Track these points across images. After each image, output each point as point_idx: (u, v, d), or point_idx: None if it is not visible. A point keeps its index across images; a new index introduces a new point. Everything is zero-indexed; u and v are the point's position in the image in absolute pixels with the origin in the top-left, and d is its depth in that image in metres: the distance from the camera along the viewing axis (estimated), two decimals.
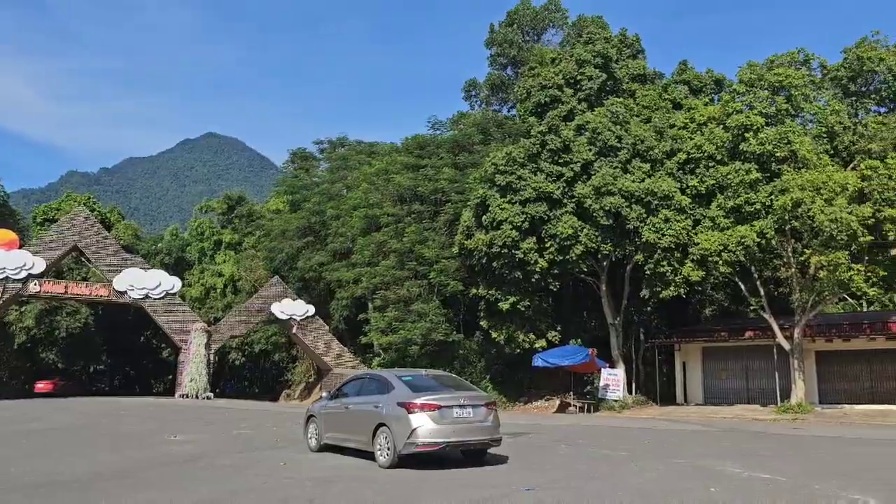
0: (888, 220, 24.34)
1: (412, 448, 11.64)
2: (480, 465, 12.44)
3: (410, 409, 11.79)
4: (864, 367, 30.24)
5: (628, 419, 26.48)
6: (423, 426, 11.63)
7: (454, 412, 12.00)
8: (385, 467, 11.89)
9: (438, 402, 11.94)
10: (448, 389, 12.80)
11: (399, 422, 11.81)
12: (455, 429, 11.94)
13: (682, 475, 11.65)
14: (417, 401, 11.87)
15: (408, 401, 11.93)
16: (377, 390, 13.03)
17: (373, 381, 13.60)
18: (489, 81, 49.93)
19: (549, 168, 29.97)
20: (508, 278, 30.60)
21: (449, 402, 12.05)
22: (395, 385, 12.65)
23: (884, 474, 11.89)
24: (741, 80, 30.11)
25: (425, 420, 11.70)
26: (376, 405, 12.56)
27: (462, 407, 12.13)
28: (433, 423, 11.73)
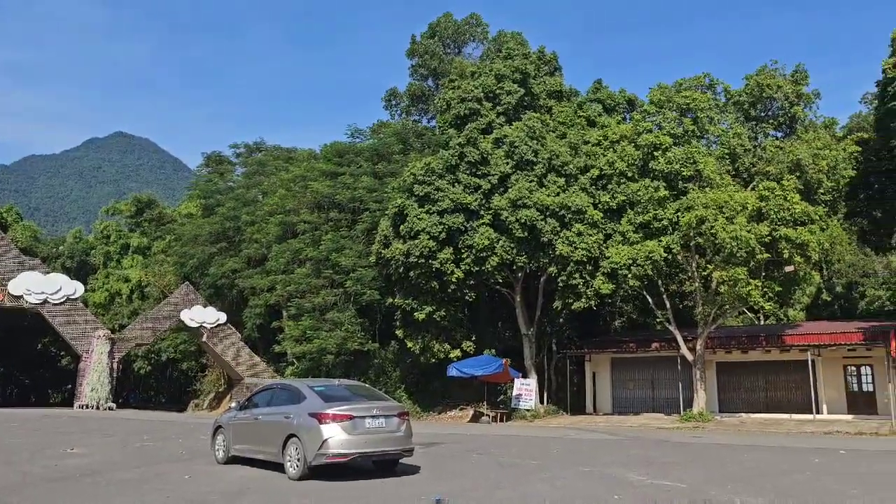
0: (783, 239, 25.76)
1: (323, 459, 11.50)
2: (392, 475, 12.40)
3: (322, 419, 11.64)
4: (761, 377, 31.84)
5: (539, 428, 26.95)
6: (334, 437, 11.50)
7: (367, 423, 11.92)
8: (295, 479, 11.69)
9: (351, 412, 11.84)
10: (361, 399, 12.72)
11: (310, 433, 11.65)
12: (367, 439, 11.87)
13: (588, 483, 11.95)
14: (329, 411, 11.74)
15: (320, 411, 11.78)
16: (288, 400, 12.81)
17: (284, 392, 13.37)
18: (410, 92, 50.14)
19: (467, 180, 30.31)
20: (425, 288, 30.73)
21: (362, 413, 11.97)
22: (306, 395, 12.47)
23: (775, 480, 12.54)
24: (651, 101, 31.37)
25: (337, 431, 11.58)
26: (287, 416, 12.34)
27: (375, 417, 12.07)
28: (345, 433, 11.62)
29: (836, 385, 30.15)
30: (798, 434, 23.60)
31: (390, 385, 35.82)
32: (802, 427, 25.50)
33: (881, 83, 28.38)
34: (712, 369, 31.88)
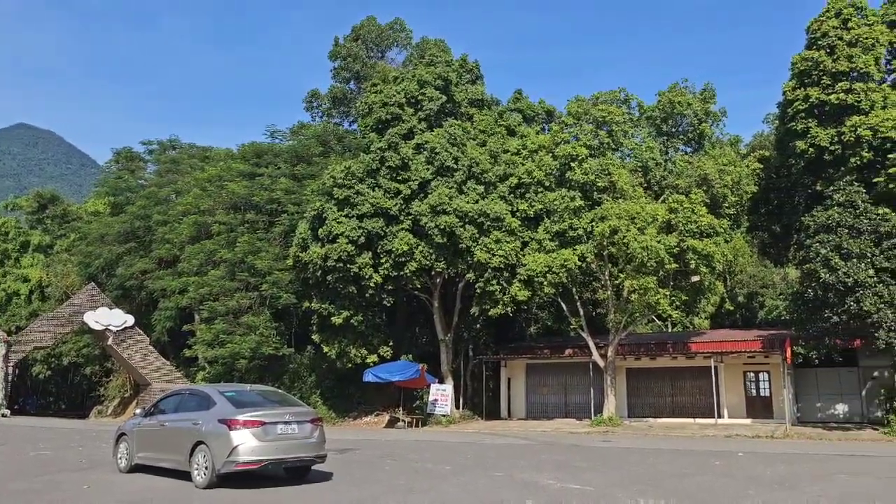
0: (690, 250, 26.83)
1: (232, 467, 11.22)
2: (303, 482, 12.23)
3: (232, 425, 11.37)
4: (667, 383, 33.04)
5: (455, 433, 27.11)
6: (244, 443, 11.25)
7: (278, 429, 11.72)
8: (202, 488, 11.36)
9: (262, 418, 11.61)
10: (273, 405, 12.48)
11: (219, 439, 11.35)
12: (279, 446, 11.66)
13: (500, 487, 12.10)
14: (240, 417, 11.48)
15: (229, 417, 11.50)
16: (197, 406, 12.44)
17: (193, 397, 12.98)
18: (332, 94, 49.70)
19: (388, 184, 30.25)
20: (343, 292, 30.46)
21: (273, 419, 11.75)
22: (216, 401, 12.15)
23: (677, 482, 13.03)
24: (569, 113, 32.15)
25: (247, 437, 11.33)
26: (195, 422, 11.99)
27: (287, 423, 11.88)
28: (256, 440, 11.38)
29: (736, 390, 31.59)
30: (701, 437, 24.61)
31: (305, 390, 35.28)
32: (705, 431, 26.60)
33: (782, 104, 29.98)
34: (622, 375, 32.85)
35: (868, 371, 29.44)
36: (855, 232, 24.59)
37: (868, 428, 26.80)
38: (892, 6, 28.25)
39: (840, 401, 30.32)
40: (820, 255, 24.71)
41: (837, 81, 26.53)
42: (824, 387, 30.56)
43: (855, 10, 27.55)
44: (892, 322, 23.49)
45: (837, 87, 26.40)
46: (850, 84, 26.34)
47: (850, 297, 23.91)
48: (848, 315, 24.19)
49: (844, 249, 24.33)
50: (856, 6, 27.65)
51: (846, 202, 25.38)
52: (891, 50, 28.45)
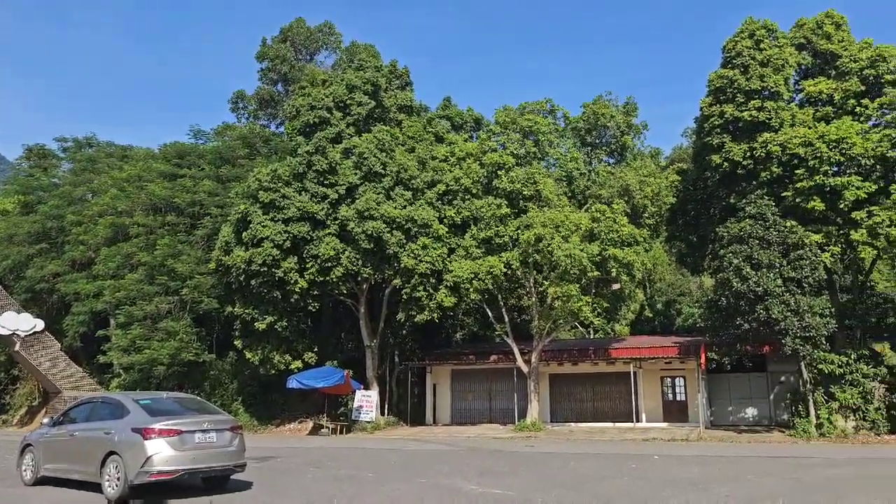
0: (612, 259, 27.54)
1: (146, 477, 10.87)
2: (221, 492, 11.95)
3: (147, 434, 11.02)
4: (589, 388, 33.77)
5: (379, 440, 26.99)
6: (159, 453, 10.92)
7: (196, 437, 11.42)
8: (113, 500, 10.97)
9: (179, 426, 11.30)
10: (191, 413, 12.17)
11: (132, 449, 10.98)
12: (196, 455, 11.37)
13: (423, 494, 12.12)
14: (155, 426, 11.14)
15: (144, 426, 11.15)
16: (110, 415, 12.01)
17: (106, 406, 12.51)
18: (258, 95, 48.85)
19: (315, 189, 29.93)
20: (267, 297, 29.93)
21: (191, 427, 11.45)
22: (130, 409, 11.75)
23: (596, 485, 13.35)
24: (497, 122, 32.58)
25: (163, 446, 11.00)
26: (107, 431, 11.56)
27: (205, 432, 11.59)
28: (172, 449, 11.06)
29: (654, 395, 32.57)
30: (620, 441, 25.27)
31: (227, 397, 34.45)
32: (624, 435, 27.32)
33: (699, 119, 31.17)
34: (545, 381, 33.40)
35: (776, 376, 30.86)
36: (765, 243, 25.76)
37: (776, 430, 28.08)
38: (801, 30, 29.79)
39: (750, 404, 31.66)
40: (732, 264, 25.78)
41: (750, 99, 27.77)
42: (736, 391, 31.86)
43: (767, 31, 28.93)
44: (797, 329, 24.70)
45: (750, 104, 27.63)
46: (762, 102, 27.62)
47: (759, 305, 25.03)
48: (758, 322, 25.30)
49: (755, 260, 25.46)
50: (768, 28, 29.04)
51: (757, 215, 26.58)
52: (799, 71, 29.99)
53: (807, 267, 25.31)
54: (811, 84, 28.70)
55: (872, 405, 25.81)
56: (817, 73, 29.47)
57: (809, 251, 25.56)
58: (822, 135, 26.07)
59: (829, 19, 29.47)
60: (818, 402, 26.22)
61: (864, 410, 25.79)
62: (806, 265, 25.33)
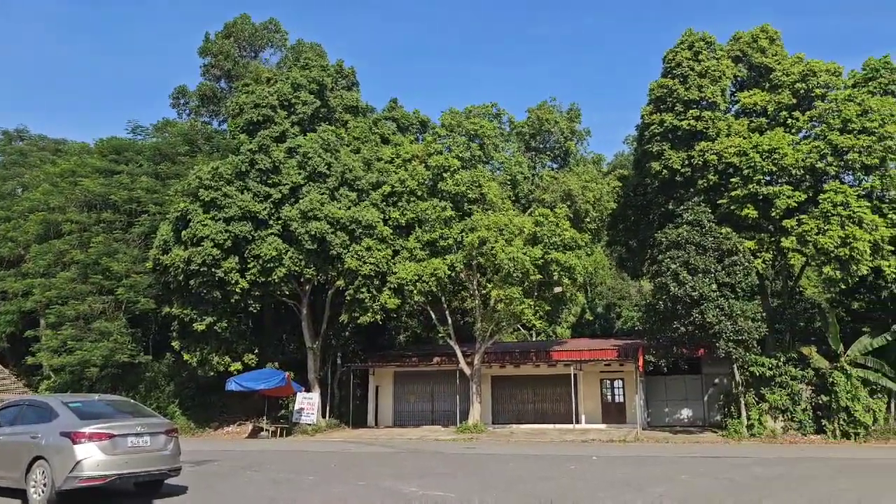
0: (554, 262, 27.91)
1: (75, 483, 10.52)
2: (155, 497, 11.66)
3: (76, 439, 10.67)
4: (530, 390, 34.13)
5: (320, 443, 26.73)
6: (89, 458, 10.58)
7: (129, 441, 11.11)
8: None
9: (111, 430, 10.98)
10: (124, 416, 11.83)
11: (61, 454, 10.61)
12: (129, 459, 11.06)
13: (363, 496, 12.06)
14: (85, 430, 10.79)
15: (73, 430, 10.79)
16: (38, 419, 11.57)
17: (33, 409, 12.05)
18: (200, 92, 47.82)
19: (257, 188, 29.48)
20: (206, 297, 29.32)
21: (123, 431, 11.14)
22: (59, 412, 11.35)
23: (535, 486, 13.51)
24: (443, 124, 32.70)
25: (93, 451, 10.67)
26: (34, 435, 11.15)
27: (139, 435, 11.29)
28: (103, 453, 10.74)
29: (593, 397, 33.13)
30: (560, 443, 25.62)
31: (163, 400, 33.59)
32: (564, 436, 27.71)
33: (640, 127, 31.91)
34: (488, 383, 33.63)
35: (710, 378, 31.75)
36: (701, 249, 26.51)
37: (709, 431, 28.88)
38: (737, 43, 30.78)
39: (685, 406, 32.51)
40: (670, 269, 26.44)
41: (689, 109, 28.54)
42: (672, 393, 32.66)
43: (705, 44, 29.78)
44: (730, 333, 25.49)
45: (689, 113, 28.41)
46: (700, 112, 28.41)
47: (695, 309, 25.74)
48: (693, 326, 26.02)
49: (691, 265, 26.17)
50: (706, 40, 29.90)
51: (694, 221, 27.33)
52: (735, 82, 30.97)
53: (740, 272, 26.15)
54: (746, 96, 29.68)
55: (800, 406, 26.80)
56: (752, 85, 30.49)
57: (743, 257, 26.40)
58: (755, 145, 26.96)
59: (764, 34, 30.52)
60: (749, 404, 27.09)
61: (792, 411, 26.77)
62: (739, 271, 26.16)
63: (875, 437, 25.88)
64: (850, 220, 24.80)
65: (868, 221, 24.86)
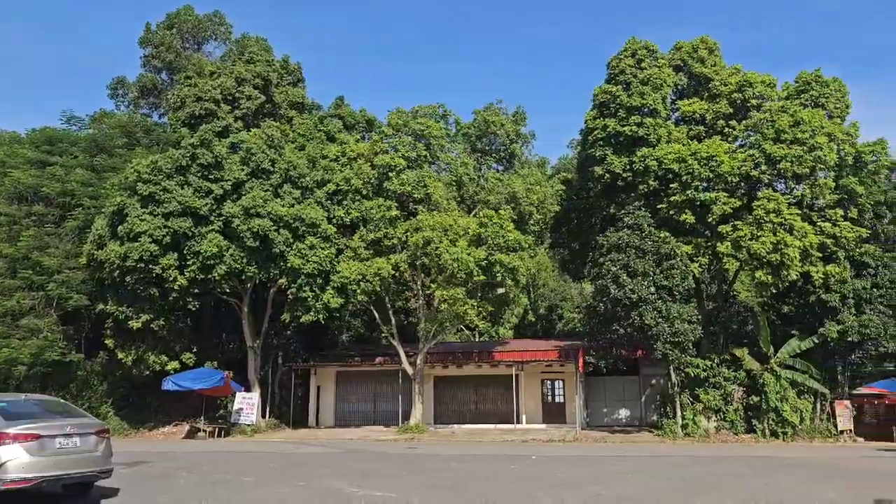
0: (498, 263, 28.12)
1: None
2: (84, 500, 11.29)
3: (1, 440, 10.24)
4: (472, 390, 34.32)
5: (260, 443, 26.33)
6: (14, 460, 10.17)
7: (57, 442, 10.73)
8: None
9: (38, 431, 10.57)
10: (53, 416, 11.41)
11: None
12: (57, 461, 10.67)
13: (302, 497, 11.93)
14: (10, 430, 10.37)
15: None
16: None
17: None
18: (140, 83, 46.54)
19: (199, 183, 28.83)
20: (143, 295, 28.52)
21: (52, 432, 10.74)
22: None
23: (476, 485, 13.59)
24: (390, 124, 32.57)
25: (19, 452, 10.26)
26: None
27: (68, 436, 10.91)
28: (29, 455, 10.34)
29: (534, 397, 33.51)
30: (501, 443, 25.83)
31: (95, 400, 32.50)
32: (505, 436, 27.95)
33: (584, 132, 32.43)
34: (430, 383, 33.68)
35: (647, 379, 32.51)
36: (641, 252, 27.11)
37: (646, 430, 29.57)
38: (678, 52, 31.58)
39: (623, 406, 33.19)
40: (611, 272, 26.96)
41: (631, 115, 29.16)
42: (611, 393, 33.30)
43: (648, 52, 30.48)
44: (667, 335, 26.13)
45: (631, 120, 29.02)
46: (642, 118, 29.06)
47: (634, 311, 26.30)
48: (632, 328, 26.59)
49: (631, 268, 26.74)
50: (649, 49, 30.60)
51: (634, 225, 27.94)
52: (675, 91, 31.77)
53: (678, 276, 26.84)
54: (686, 104, 30.49)
55: (732, 406, 27.67)
56: (692, 93, 31.35)
57: (680, 261, 27.12)
58: (694, 152, 27.72)
59: (704, 44, 31.42)
60: (684, 404, 27.84)
61: (724, 411, 27.62)
62: (677, 274, 26.85)
63: (802, 436, 26.91)
64: (782, 227, 25.75)
65: (798, 228, 25.85)
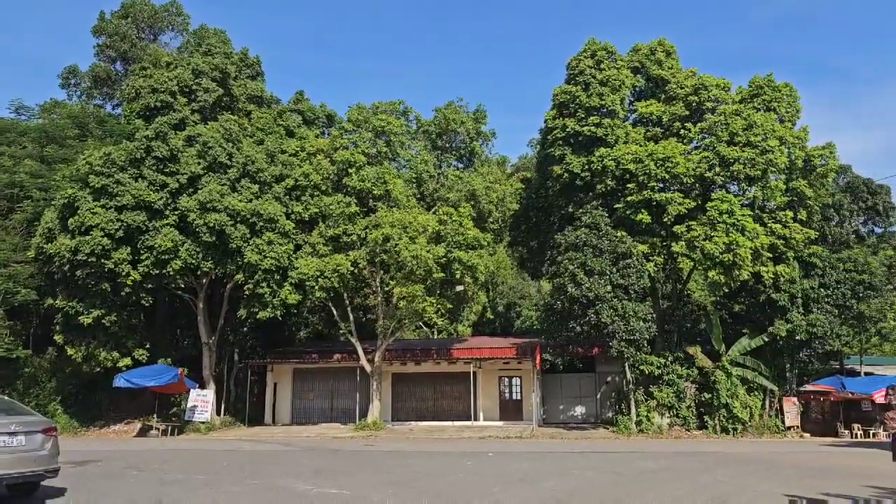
0: (457, 261, 28.23)
1: None
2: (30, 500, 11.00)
3: None
4: (430, 388, 34.37)
5: (214, 441, 25.97)
6: None
7: (1, 441, 10.43)
8: None
9: None
10: None
11: None
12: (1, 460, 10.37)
13: (255, 496, 11.81)
14: None
15: None
16: None
17: None
18: (94, 73, 45.45)
19: (153, 176, 28.27)
20: (94, 290, 27.87)
21: None
22: None
23: (432, 482, 13.62)
24: (350, 120, 32.40)
25: None
26: None
27: (12, 434, 10.60)
28: None
29: (492, 394, 33.71)
30: (458, 440, 25.93)
31: (43, 397, 31.70)
32: (462, 433, 28.06)
33: (543, 131, 32.70)
34: (388, 380, 33.62)
35: (603, 376, 32.95)
36: (598, 251, 27.44)
37: (601, 427, 29.98)
38: (636, 54, 32.03)
39: (579, 403, 33.59)
40: (568, 270, 27.22)
41: (590, 115, 29.48)
42: (567, 390, 33.68)
43: (607, 53, 30.84)
44: (623, 332, 26.51)
45: (590, 120, 29.35)
46: (600, 119, 29.40)
47: (591, 309, 26.62)
48: (589, 325, 26.91)
49: (588, 267, 27.05)
50: (608, 50, 30.97)
51: (592, 224, 28.26)
52: (634, 92, 32.22)
53: (633, 275, 27.23)
54: (644, 105, 30.93)
55: (685, 403, 28.21)
56: (649, 95, 31.82)
57: (636, 260, 27.52)
58: (651, 153, 28.15)
59: (661, 47, 31.92)
60: (638, 401, 28.29)
61: (678, 408, 28.14)
62: (633, 273, 27.24)
63: (751, 431, 27.58)
64: (734, 228, 26.31)
65: (750, 229, 26.46)
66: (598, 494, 12.07)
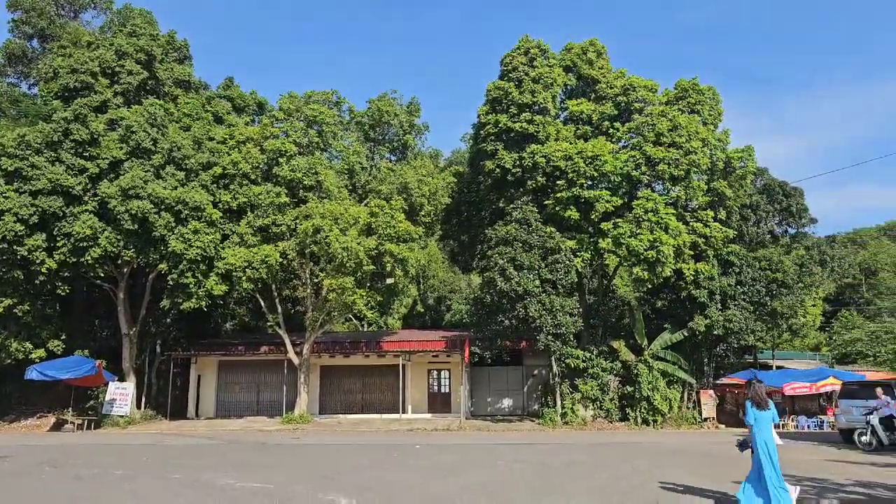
0: (387, 253, 28.13)
1: None
2: None
3: None
4: (359, 380, 34.17)
5: (133, 435, 25.17)
6: None
7: None
8: None
9: None
10: None
11: None
12: None
13: (175, 491, 11.53)
14: None
15: None
16: None
17: None
18: (8, 50, 43.12)
19: (72, 160, 27.10)
20: (6, 278, 26.57)
21: None
22: None
23: (358, 475, 13.56)
24: (281, 108, 31.80)
25: None
26: None
27: None
28: None
29: (420, 387, 33.78)
30: (385, 432, 25.89)
31: None
32: (390, 426, 28.04)
33: (476, 126, 32.92)
34: (316, 373, 33.26)
35: (530, 369, 33.48)
36: (527, 246, 27.83)
37: (527, 419, 30.45)
38: (569, 53, 32.57)
39: (507, 395, 34.03)
40: (498, 265, 27.52)
41: (522, 112, 29.82)
42: (495, 383, 34.05)
43: (540, 51, 31.24)
44: (550, 327, 27.00)
45: (522, 116, 29.68)
46: (532, 116, 29.78)
47: (519, 303, 26.99)
48: (517, 319, 27.29)
49: (518, 261, 27.40)
50: (541, 48, 31.36)
51: (522, 219, 28.64)
52: (565, 90, 32.75)
53: (561, 270, 27.75)
54: (574, 104, 31.50)
55: (608, 396, 28.95)
56: (580, 94, 32.42)
57: (565, 256, 28.04)
58: (580, 151, 28.69)
59: (593, 47, 32.55)
60: (564, 394, 28.88)
61: (601, 401, 28.86)
62: (561, 268, 27.75)
63: (670, 423, 28.53)
64: (658, 226, 27.11)
65: (673, 228, 27.31)
66: (526, 484, 12.27)
